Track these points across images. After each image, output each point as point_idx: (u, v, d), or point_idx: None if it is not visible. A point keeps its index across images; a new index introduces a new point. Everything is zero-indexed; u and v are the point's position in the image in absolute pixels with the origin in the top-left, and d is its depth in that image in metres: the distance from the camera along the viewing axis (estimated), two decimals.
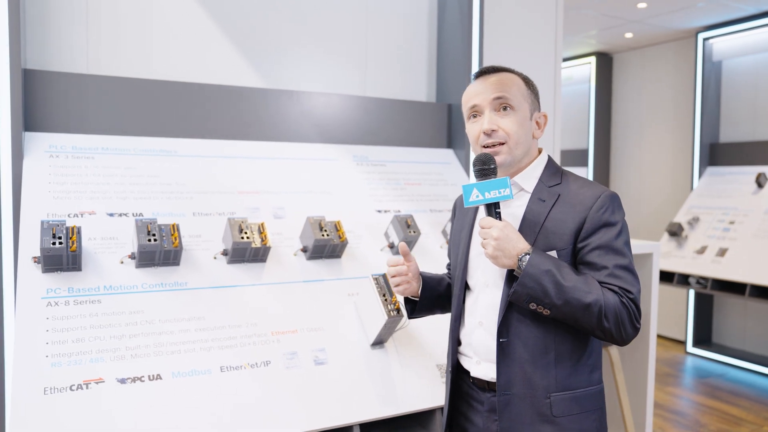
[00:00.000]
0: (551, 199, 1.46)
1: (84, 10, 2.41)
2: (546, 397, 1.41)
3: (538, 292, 1.35)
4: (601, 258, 1.39)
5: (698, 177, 5.66)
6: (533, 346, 1.42)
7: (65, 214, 2.03)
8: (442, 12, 3.17)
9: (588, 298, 1.33)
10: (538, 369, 1.42)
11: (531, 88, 1.55)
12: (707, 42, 5.65)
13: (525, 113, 1.50)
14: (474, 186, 1.43)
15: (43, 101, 2.23)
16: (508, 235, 1.37)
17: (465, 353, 1.58)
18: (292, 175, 2.56)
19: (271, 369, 1.92)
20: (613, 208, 1.42)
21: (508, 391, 1.44)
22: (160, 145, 2.39)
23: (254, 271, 2.15)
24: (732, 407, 4.42)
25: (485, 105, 1.49)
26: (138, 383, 1.74)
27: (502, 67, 1.55)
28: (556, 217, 1.44)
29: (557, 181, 1.50)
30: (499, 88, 1.48)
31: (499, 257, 1.38)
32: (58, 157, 2.18)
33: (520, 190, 1.52)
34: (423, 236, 2.54)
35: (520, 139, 1.48)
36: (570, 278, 1.35)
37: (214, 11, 2.67)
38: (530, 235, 1.44)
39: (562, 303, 1.34)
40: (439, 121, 3.09)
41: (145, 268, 2.00)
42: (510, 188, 1.40)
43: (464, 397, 1.59)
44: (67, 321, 1.79)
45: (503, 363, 1.44)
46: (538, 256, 1.36)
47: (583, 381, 1.44)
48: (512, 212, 1.50)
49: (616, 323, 1.34)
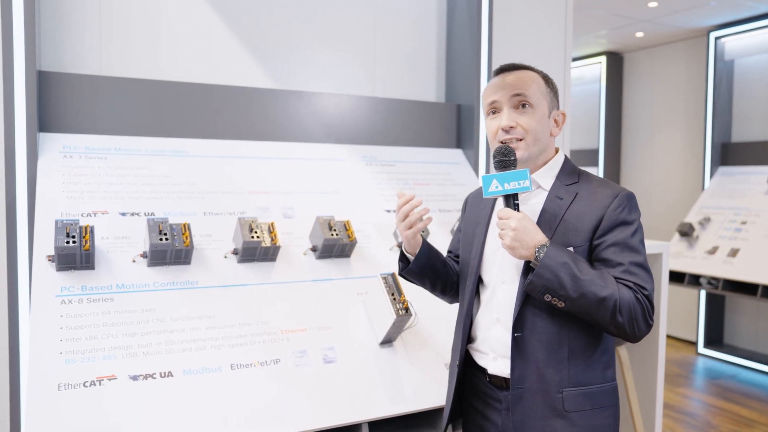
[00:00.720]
0: (569, 197, 1.48)
1: (97, 12, 2.45)
2: (558, 392, 1.42)
3: (554, 283, 1.35)
4: (617, 255, 1.40)
5: (710, 177, 5.62)
6: (547, 341, 1.43)
7: (79, 213, 2.06)
8: (451, 12, 3.18)
9: (603, 292, 1.34)
10: (551, 364, 1.43)
11: (550, 86, 1.56)
12: (719, 41, 5.61)
13: (543, 111, 1.52)
14: (494, 177, 1.44)
15: (57, 102, 2.27)
16: (526, 226, 1.39)
17: (480, 350, 1.57)
18: (301, 175, 2.58)
19: (280, 367, 1.94)
20: (630, 207, 1.44)
21: (521, 386, 1.45)
22: (171, 146, 2.42)
23: (264, 270, 2.17)
24: (743, 408, 4.40)
25: (504, 101, 1.50)
26: (149, 380, 1.77)
27: (522, 65, 1.57)
28: (574, 215, 1.45)
29: (574, 179, 1.52)
30: (518, 85, 1.50)
31: (516, 248, 1.39)
32: (71, 157, 2.21)
33: (538, 187, 1.53)
34: (431, 236, 2.56)
35: (538, 136, 1.50)
36: (586, 272, 1.36)
37: (224, 13, 2.70)
38: (547, 232, 1.45)
39: (577, 296, 1.35)
40: (448, 121, 3.10)
41: (156, 266, 2.02)
42: (529, 180, 1.41)
43: (480, 396, 1.59)
44: (81, 319, 1.82)
45: (517, 357, 1.45)
46: (556, 249, 1.37)
47: (596, 377, 1.45)
48: (530, 209, 1.51)
49: (629, 318, 1.35)
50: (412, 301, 2.13)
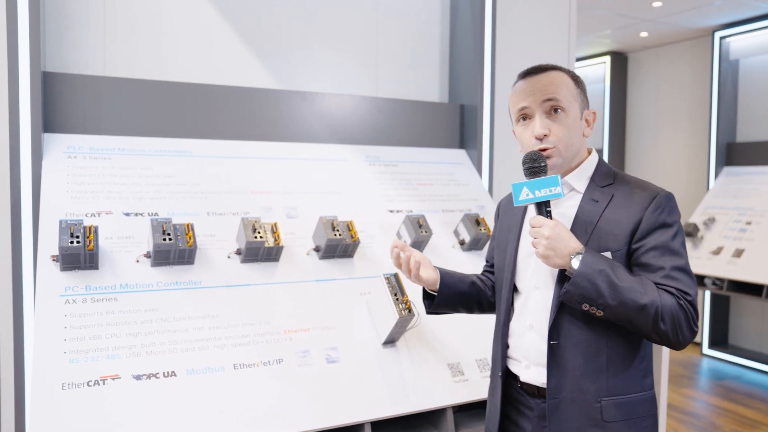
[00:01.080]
0: (604, 199, 1.43)
1: (101, 13, 2.46)
2: (596, 401, 1.38)
3: (592, 292, 1.31)
4: (657, 259, 1.35)
5: (714, 177, 5.60)
6: (585, 349, 1.39)
7: (83, 213, 2.07)
8: (455, 12, 3.18)
9: (644, 299, 1.29)
10: (588, 373, 1.38)
11: (580, 85, 1.50)
12: (724, 40, 5.60)
13: (575, 113, 1.46)
14: (524, 184, 1.39)
15: (61, 103, 2.28)
16: (559, 233, 1.34)
17: (513, 357, 1.53)
18: (304, 176, 2.58)
19: (283, 367, 1.95)
20: (669, 208, 1.39)
21: (558, 395, 1.40)
22: (175, 146, 2.43)
23: (267, 270, 2.18)
24: (747, 409, 4.38)
25: (535, 107, 1.45)
26: (153, 380, 1.77)
27: (550, 66, 1.50)
28: (610, 218, 1.40)
29: (610, 181, 1.47)
30: (549, 89, 1.44)
31: (550, 257, 1.35)
32: (75, 157, 2.22)
33: (571, 190, 1.49)
34: (435, 236, 2.56)
35: (571, 141, 1.45)
36: (625, 278, 1.31)
37: (227, 14, 2.71)
38: (583, 236, 1.40)
39: (616, 304, 1.30)
40: (451, 121, 3.10)
41: (160, 266, 2.03)
42: (561, 186, 1.37)
43: (512, 403, 1.54)
44: (85, 318, 1.83)
45: (553, 366, 1.41)
46: (592, 256, 1.33)
47: (635, 386, 1.41)
48: (563, 212, 1.46)
49: (672, 326, 1.31)
50: (415, 301, 2.13)
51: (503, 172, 3.28)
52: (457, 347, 2.22)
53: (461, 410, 2.28)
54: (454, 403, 2.09)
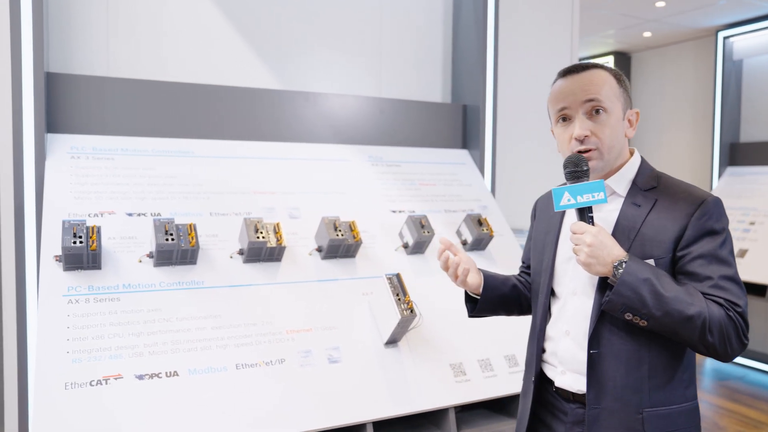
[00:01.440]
0: (647, 204, 1.37)
1: (104, 14, 2.47)
2: (638, 412, 1.33)
3: (635, 301, 1.26)
4: (704, 268, 1.29)
5: (718, 177, 5.59)
6: (626, 358, 1.34)
7: (86, 213, 2.07)
8: (457, 13, 3.18)
9: (690, 310, 1.24)
10: (630, 383, 1.34)
11: (623, 84, 1.43)
12: (727, 40, 5.58)
13: (618, 114, 1.39)
14: (565, 189, 1.34)
15: (65, 104, 2.29)
16: (602, 241, 1.29)
17: (549, 362, 1.49)
18: (307, 176, 2.59)
19: (285, 367, 1.95)
20: (717, 214, 1.32)
21: (597, 406, 1.36)
22: (178, 146, 2.43)
23: (269, 270, 2.18)
24: (751, 410, 4.37)
25: (576, 107, 1.39)
26: (155, 379, 1.78)
27: (591, 64, 1.43)
28: (654, 224, 1.34)
29: (653, 184, 1.40)
30: (590, 89, 1.38)
31: (592, 264, 1.30)
32: (79, 158, 2.23)
33: (612, 193, 1.42)
34: (437, 236, 2.56)
35: (614, 143, 1.39)
36: (670, 288, 1.26)
37: (230, 15, 2.71)
38: (624, 243, 1.34)
39: (661, 314, 1.25)
40: (453, 121, 3.10)
41: (162, 266, 2.04)
42: (604, 192, 1.31)
43: (546, 406, 1.50)
44: (87, 318, 1.84)
45: (593, 376, 1.36)
46: (636, 264, 1.27)
47: (677, 397, 1.35)
48: (603, 217, 1.40)
49: (721, 338, 1.25)
50: (416, 301, 2.13)
51: (506, 172, 3.28)
52: (459, 347, 2.22)
53: (463, 410, 2.28)
54: (456, 403, 2.09)
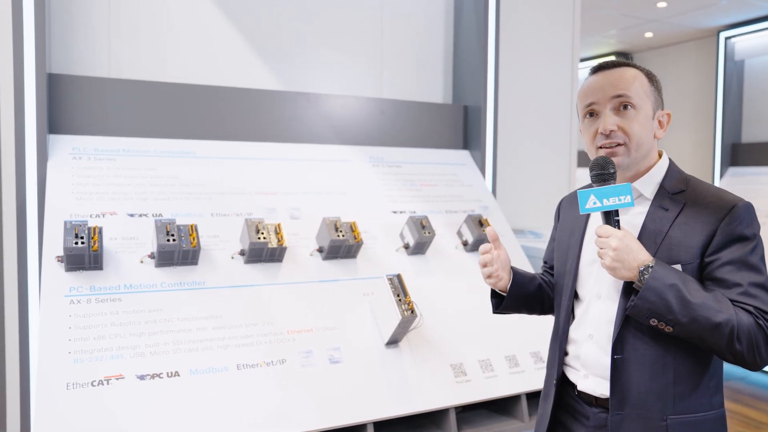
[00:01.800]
0: (675, 207, 1.34)
1: (106, 16, 2.47)
2: (662, 419, 1.31)
3: (661, 307, 1.24)
4: (733, 274, 1.26)
5: (719, 177, 5.58)
6: (651, 364, 1.32)
7: (87, 214, 2.08)
8: (458, 13, 3.18)
9: (718, 317, 1.21)
10: (654, 389, 1.31)
11: (654, 84, 1.41)
12: (729, 41, 5.57)
13: (647, 112, 1.37)
14: (591, 192, 1.31)
15: (66, 104, 2.29)
16: (628, 245, 1.27)
17: (571, 365, 1.47)
18: (308, 177, 2.59)
19: (286, 367, 1.95)
20: (748, 220, 1.29)
21: (621, 411, 1.34)
22: (179, 147, 2.44)
23: (271, 270, 2.19)
24: (753, 410, 4.36)
25: (604, 103, 1.37)
26: (156, 380, 1.78)
27: (623, 62, 1.41)
28: (681, 228, 1.32)
29: (682, 187, 1.37)
30: (620, 84, 1.36)
31: (617, 269, 1.28)
32: (80, 159, 2.24)
33: (639, 196, 1.39)
34: (438, 237, 2.56)
35: (641, 141, 1.36)
36: (698, 294, 1.24)
37: (231, 16, 2.72)
38: (651, 247, 1.32)
39: (688, 321, 1.23)
40: (455, 122, 3.11)
41: (164, 267, 2.04)
42: (631, 195, 1.29)
43: (568, 409, 1.49)
44: (89, 318, 1.84)
45: (617, 381, 1.34)
46: (662, 269, 1.25)
47: (703, 404, 1.32)
48: (629, 220, 1.38)
49: (749, 346, 1.23)
50: (417, 302, 2.13)
51: (507, 172, 3.28)
52: (460, 348, 2.22)
53: (464, 411, 2.28)
54: (456, 403, 2.09)
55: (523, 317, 1.80)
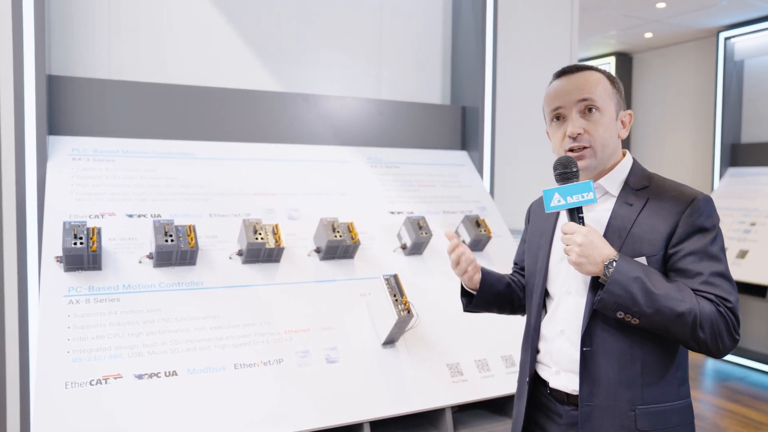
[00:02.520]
0: (639, 203, 1.39)
1: (106, 17, 2.49)
2: (631, 409, 1.34)
3: (626, 300, 1.28)
4: (695, 264, 1.31)
5: (719, 178, 5.59)
6: (619, 356, 1.36)
7: (87, 215, 2.10)
8: (457, 15, 3.19)
9: (681, 307, 1.25)
10: (623, 381, 1.35)
11: (616, 86, 1.46)
12: (729, 41, 5.58)
13: (611, 114, 1.43)
14: (555, 190, 1.36)
15: (66, 106, 2.31)
16: (592, 240, 1.31)
17: (543, 362, 1.50)
18: (307, 177, 2.60)
19: (283, 367, 1.97)
20: (707, 212, 1.34)
21: (590, 403, 1.37)
22: (178, 148, 2.45)
23: (268, 271, 2.20)
24: (752, 411, 4.37)
25: (570, 106, 1.42)
26: (154, 379, 1.80)
27: (585, 65, 1.47)
28: (645, 222, 1.36)
29: (645, 183, 1.43)
30: (584, 88, 1.41)
31: (583, 264, 1.32)
32: (80, 159, 2.25)
33: (605, 193, 1.45)
34: (435, 237, 2.57)
35: (606, 142, 1.41)
36: (661, 285, 1.28)
37: (231, 17, 2.73)
38: (616, 241, 1.37)
39: (652, 312, 1.27)
40: (453, 123, 3.12)
41: (162, 267, 2.06)
42: (593, 192, 1.34)
43: (541, 408, 1.51)
44: (88, 318, 1.86)
45: (586, 374, 1.38)
46: (626, 262, 1.29)
47: (671, 394, 1.37)
48: (596, 217, 1.43)
49: (712, 334, 1.27)
50: (414, 302, 2.15)
51: (505, 173, 3.29)
52: (456, 348, 2.23)
53: (460, 410, 2.29)
54: (452, 403, 2.10)
55: (519, 317, 1.81)
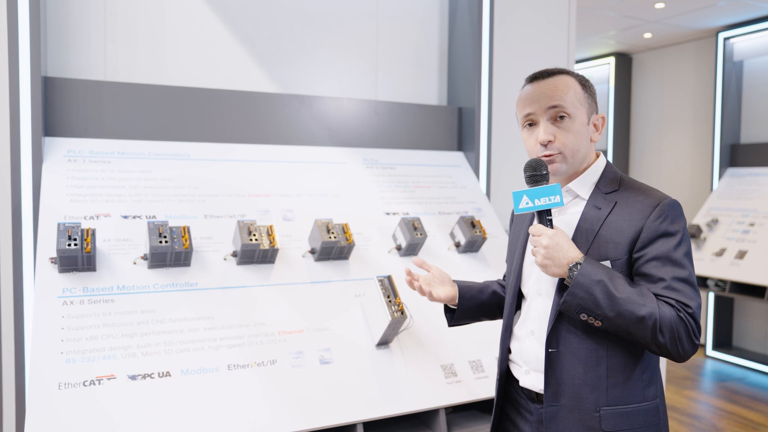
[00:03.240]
0: (607, 206, 1.41)
1: (102, 18, 2.50)
2: (595, 410, 1.36)
3: (589, 302, 1.30)
4: (658, 269, 1.33)
5: (718, 178, 5.58)
6: (584, 357, 1.38)
7: (82, 216, 2.10)
8: (453, 15, 3.20)
9: (642, 311, 1.28)
10: (588, 381, 1.37)
11: (587, 90, 1.47)
12: (728, 41, 5.58)
13: (582, 119, 1.44)
14: (524, 193, 1.39)
15: (62, 107, 2.32)
16: (558, 243, 1.33)
17: (515, 361, 1.53)
18: (302, 178, 2.61)
19: (277, 368, 1.97)
20: (672, 216, 1.36)
21: (556, 403, 1.40)
22: (174, 149, 2.46)
23: (263, 272, 2.21)
24: (750, 411, 4.37)
25: (541, 113, 1.43)
26: (148, 380, 1.80)
27: (556, 70, 1.48)
28: (612, 226, 1.38)
29: (614, 187, 1.44)
30: (554, 95, 1.42)
31: (548, 266, 1.34)
32: (75, 161, 2.26)
33: (576, 197, 1.47)
34: (430, 238, 2.58)
35: (577, 148, 1.43)
36: (623, 289, 1.30)
37: (226, 18, 2.74)
38: (584, 244, 1.39)
39: (614, 315, 1.29)
40: (449, 123, 3.12)
41: (156, 268, 2.06)
42: (561, 195, 1.36)
43: (514, 404, 1.55)
44: (82, 319, 1.87)
45: (551, 374, 1.40)
46: (590, 266, 1.32)
47: (636, 396, 1.38)
48: (567, 219, 1.45)
49: (672, 339, 1.29)
50: (408, 303, 2.15)
51: (501, 174, 3.29)
52: (450, 349, 2.24)
53: (454, 411, 2.30)
54: (446, 404, 2.11)
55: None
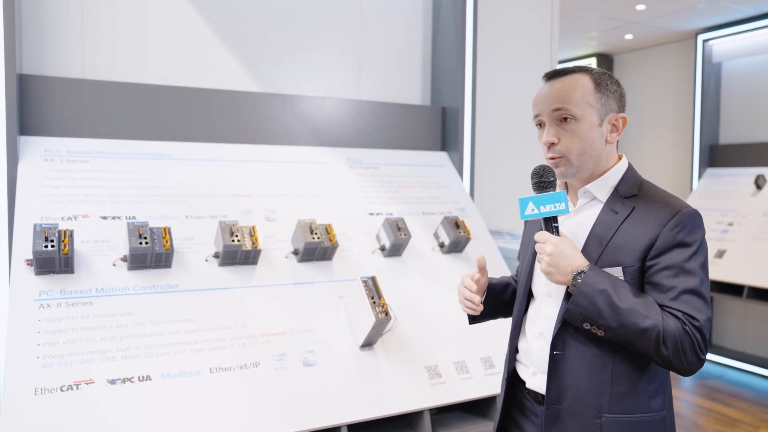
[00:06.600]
0: (624, 211, 1.37)
1: (79, 15, 2.45)
2: (597, 417, 1.34)
3: (592, 312, 1.28)
4: (670, 279, 1.30)
5: (697, 178, 5.65)
6: (590, 362, 1.35)
7: (59, 217, 2.06)
8: (437, 15, 3.19)
9: (645, 323, 1.25)
10: (592, 386, 1.35)
11: (602, 89, 1.43)
12: (707, 43, 5.64)
13: (590, 120, 1.39)
14: (530, 199, 1.37)
15: (38, 106, 2.27)
16: (563, 250, 1.32)
17: (523, 362, 1.51)
18: (285, 178, 2.58)
19: (260, 370, 1.95)
20: (691, 227, 1.32)
21: (558, 406, 1.38)
22: (154, 149, 2.42)
23: (245, 273, 2.18)
24: (729, 409, 4.42)
25: (545, 115, 1.41)
26: (128, 384, 1.77)
27: (572, 69, 1.44)
28: (627, 232, 1.35)
29: (634, 192, 1.40)
30: (560, 97, 1.39)
31: (553, 273, 1.33)
32: (52, 160, 2.21)
33: (593, 199, 1.43)
34: (414, 238, 2.57)
35: (583, 150, 1.39)
36: (627, 300, 1.27)
37: (208, 16, 2.70)
38: (597, 249, 1.36)
39: (616, 325, 1.27)
40: (433, 123, 3.11)
41: (136, 270, 2.03)
42: (566, 203, 1.34)
43: (519, 406, 1.53)
44: (59, 323, 1.83)
45: (554, 376, 1.38)
46: (595, 275, 1.29)
47: (641, 406, 1.35)
48: (581, 221, 1.43)
49: (675, 352, 1.26)
50: (392, 304, 2.14)
51: (485, 174, 3.29)
52: (435, 350, 2.23)
53: (439, 412, 2.29)
54: (431, 405, 2.10)
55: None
